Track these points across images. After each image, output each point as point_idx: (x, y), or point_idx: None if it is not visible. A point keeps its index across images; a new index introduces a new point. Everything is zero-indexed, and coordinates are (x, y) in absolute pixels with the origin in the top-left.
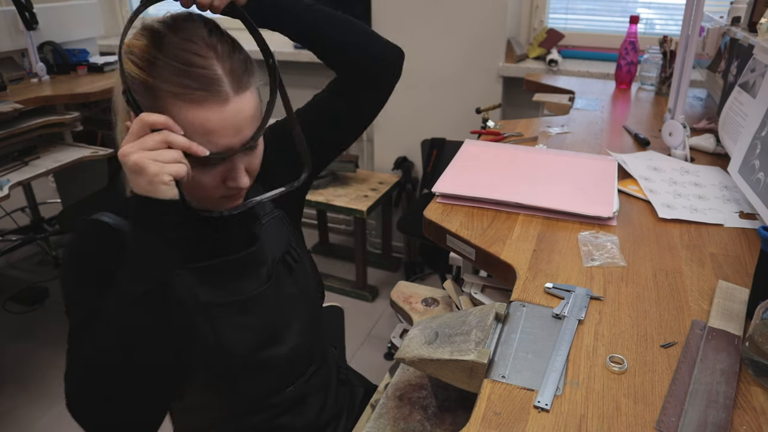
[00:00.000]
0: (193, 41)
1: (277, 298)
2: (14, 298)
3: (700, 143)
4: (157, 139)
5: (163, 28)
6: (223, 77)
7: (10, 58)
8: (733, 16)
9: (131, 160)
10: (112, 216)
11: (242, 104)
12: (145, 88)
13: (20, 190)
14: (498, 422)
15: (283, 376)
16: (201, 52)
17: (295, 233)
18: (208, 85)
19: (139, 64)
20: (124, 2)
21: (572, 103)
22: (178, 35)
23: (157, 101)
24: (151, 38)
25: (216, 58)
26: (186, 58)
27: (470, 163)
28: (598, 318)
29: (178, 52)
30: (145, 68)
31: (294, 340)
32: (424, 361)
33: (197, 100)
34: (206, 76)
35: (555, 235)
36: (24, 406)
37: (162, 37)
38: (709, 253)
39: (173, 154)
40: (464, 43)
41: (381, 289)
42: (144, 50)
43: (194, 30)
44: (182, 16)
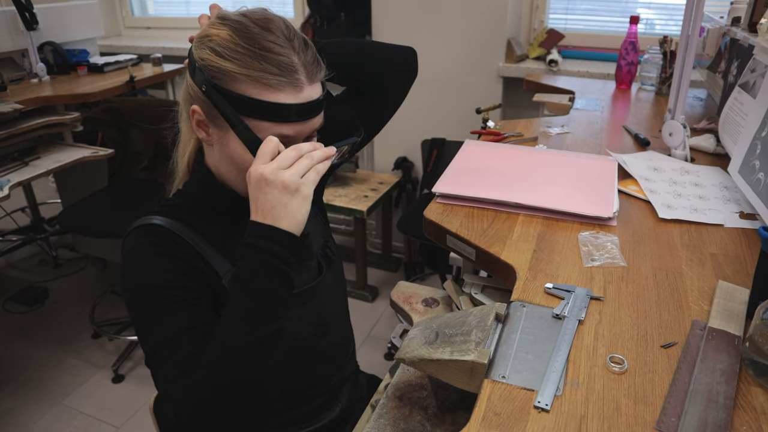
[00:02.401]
0: (273, 32)
1: (324, 289)
2: (14, 298)
3: (700, 143)
4: (292, 155)
5: (243, 20)
6: (300, 66)
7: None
8: (733, 17)
9: (281, 180)
10: (159, 218)
11: (313, 93)
12: (224, 73)
13: (20, 190)
14: (498, 422)
15: (330, 364)
16: (280, 42)
17: (326, 227)
18: (287, 72)
19: (220, 51)
20: (124, 2)
21: (572, 104)
22: (259, 26)
23: (237, 85)
24: (233, 28)
25: (293, 49)
26: (267, 46)
27: (470, 163)
28: (599, 318)
29: (261, 41)
30: (227, 55)
31: (338, 328)
32: (424, 361)
33: (275, 85)
34: (285, 64)
35: (555, 235)
36: (24, 406)
37: (246, 27)
38: (710, 254)
39: (307, 161)
40: (464, 43)
41: (381, 290)
42: (226, 38)
43: (274, 23)
44: (259, 11)
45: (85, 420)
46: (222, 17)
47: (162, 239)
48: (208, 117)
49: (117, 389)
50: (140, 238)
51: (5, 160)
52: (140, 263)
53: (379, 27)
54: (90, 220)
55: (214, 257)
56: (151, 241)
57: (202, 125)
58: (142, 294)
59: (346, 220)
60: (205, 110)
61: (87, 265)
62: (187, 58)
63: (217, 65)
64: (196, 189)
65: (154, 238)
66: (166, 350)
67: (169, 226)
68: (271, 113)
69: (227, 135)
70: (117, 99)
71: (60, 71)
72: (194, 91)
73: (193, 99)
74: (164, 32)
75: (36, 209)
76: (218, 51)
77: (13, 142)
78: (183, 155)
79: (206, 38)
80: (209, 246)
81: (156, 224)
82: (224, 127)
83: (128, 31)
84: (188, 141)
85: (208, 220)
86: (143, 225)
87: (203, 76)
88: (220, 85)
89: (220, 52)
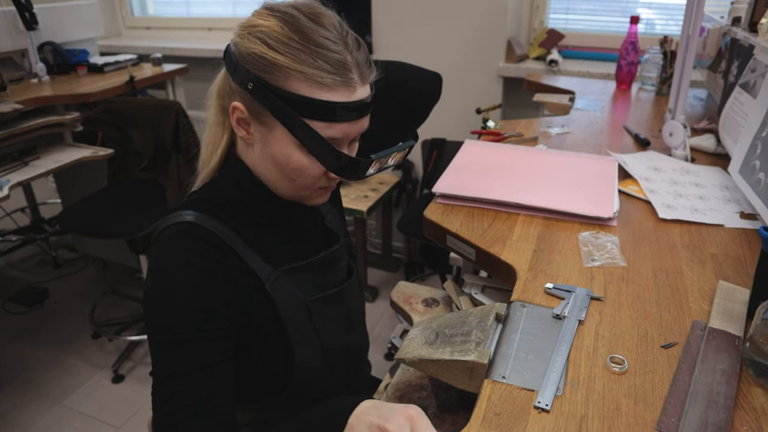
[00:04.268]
0: (328, 28)
1: (351, 290)
2: (14, 298)
3: (700, 143)
4: None
5: (296, 12)
6: (353, 65)
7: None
8: (733, 17)
9: None
10: (193, 214)
11: (364, 94)
12: (275, 68)
13: (20, 190)
14: (498, 423)
15: (356, 362)
16: (335, 39)
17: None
18: (341, 70)
19: (270, 43)
20: (124, 2)
21: (572, 104)
22: (313, 21)
23: (286, 81)
24: (284, 20)
25: (346, 47)
26: (322, 42)
27: (470, 163)
28: (599, 318)
29: (315, 36)
30: (277, 48)
31: (360, 326)
32: (424, 361)
33: (328, 83)
34: (340, 62)
35: (555, 235)
36: (24, 407)
37: (297, 19)
38: (710, 254)
39: None
40: (464, 43)
41: (381, 290)
42: (277, 30)
43: (328, 18)
44: (309, 2)
45: (85, 420)
46: (270, 7)
47: (203, 244)
48: (253, 114)
49: (117, 389)
50: (180, 240)
51: (5, 160)
52: (175, 275)
53: (379, 27)
54: (90, 220)
55: (253, 260)
56: (191, 247)
57: (242, 123)
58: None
59: (347, 220)
60: (250, 108)
61: (87, 265)
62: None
63: (268, 58)
64: (231, 185)
65: (195, 242)
66: (175, 384)
67: (208, 225)
68: (323, 113)
69: (272, 134)
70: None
71: (60, 71)
72: (235, 86)
73: (232, 94)
74: (164, 32)
75: (36, 209)
76: (269, 43)
77: (13, 142)
78: (213, 151)
79: (254, 28)
80: (246, 246)
81: (196, 224)
82: (270, 126)
83: (128, 31)
84: (218, 136)
85: (243, 217)
86: (182, 223)
87: (249, 71)
88: (270, 82)
89: (272, 45)
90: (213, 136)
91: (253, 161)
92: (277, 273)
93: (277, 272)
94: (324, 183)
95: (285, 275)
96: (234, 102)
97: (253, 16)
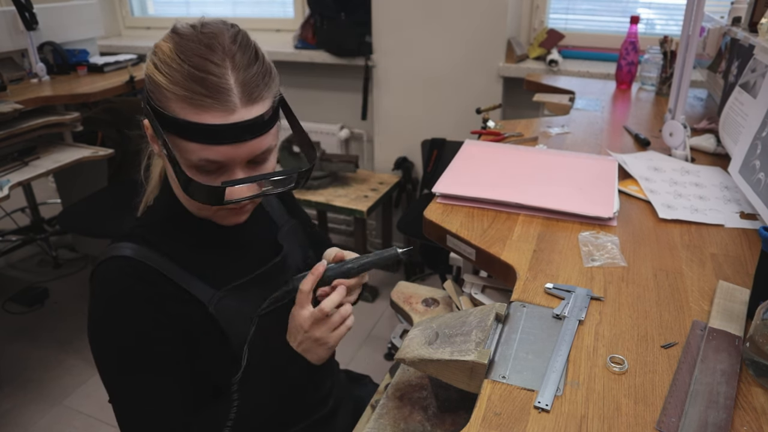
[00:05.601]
0: (212, 49)
1: None
2: (14, 298)
3: (700, 143)
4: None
5: (188, 32)
6: (233, 87)
7: (10, 58)
8: (733, 17)
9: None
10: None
11: (250, 114)
12: (158, 87)
13: (20, 190)
14: (498, 423)
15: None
16: (216, 60)
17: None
18: (217, 93)
19: (158, 65)
20: (124, 2)
21: (572, 104)
22: (200, 42)
23: (167, 102)
24: (174, 41)
25: (231, 68)
26: (201, 64)
27: (470, 163)
28: (599, 318)
29: (195, 58)
30: (162, 69)
31: None
32: (424, 361)
33: (204, 105)
34: (216, 85)
35: (555, 235)
36: (24, 407)
37: (185, 41)
38: (710, 254)
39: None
40: (464, 43)
41: (381, 290)
42: (166, 52)
43: (217, 37)
44: (212, 21)
45: (85, 420)
46: (174, 28)
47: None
48: (155, 132)
49: None
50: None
51: (5, 160)
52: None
53: (379, 27)
54: (90, 221)
55: (194, 286)
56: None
57: (153, 140)
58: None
59: (346, 220)
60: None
61: (87, 265)
62: None
63: (154, 78)
64: (164, 207)
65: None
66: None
67: (142, 258)
68: (198, 135)
69: None
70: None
71: (60, 71)
72: None
73: None
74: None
75: (36, 209)
76: (156, 64)
77: (13, 142)
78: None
79: (155, 48)
80: (186, 272)
81: (128, 257)
82: None
83: (128, 31)
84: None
85: (180, 242)
86: (115, 258)
87: (145, 89)
88: (154, 101)
89: (158, 65)
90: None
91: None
92: (219, 294)
93: (219, 293)
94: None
95: (229, 294)
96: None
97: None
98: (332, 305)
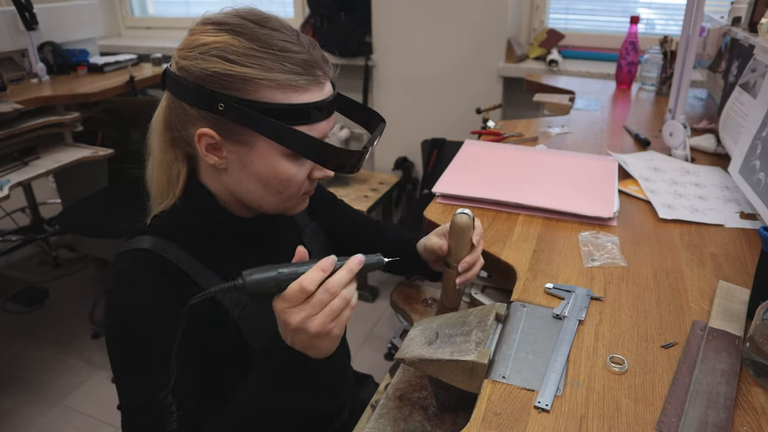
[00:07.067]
0: (282, 30)
1: None
2: (14, 298)
3: (700, 143)
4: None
5: (243, 21)
6: (319, 63)
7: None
8: (733, 17)
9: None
10: (151, 240)
11: (331, 91)
12: (241, 81)
13: (20, 190)
14: (498, 423)
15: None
16: (293, 40)
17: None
18: (309, 69)
19: (231, 58)
20: (124, 2)
21: (572, 104)
22: (265, 26)
23: (258, 92)
24: (235, 31)
25: (309, 46)
26: (283, 46)
27: (470, 163)
28: (599, 318)
29: (274, 41)
30: (240, 61)
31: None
32: (424, 361)
33: (302, 85)
34: (306, 61)
35: (555, 235)
36: (24, 407)
37: (248, 29)
38: (710, 254)
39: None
40: (464, 43)
41: (381, 290)
42: (233, 43)
43: (276, 21)
44: (251, 9)
45: (85, 420)
46: (212, 22)
47: (159, 276)
48: (225, 137)
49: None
50: (134, 269)
51: (5, 160)
52: (132, 305)
53: (379, 27)
54: (90, 220)
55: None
56: (149, 277)
57: (213, 149)
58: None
59: None
60: (221, 130)
61: (87, 265)
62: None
63: (233, 74)
64: (195, 213)
65: (152, 273)
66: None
67: (166, 254)
68: (302, 116)
69: (252, 151)
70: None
71: (60, 71)
72: (195, 112)
73: (189, 122)
74: (164, 32)
75: (36, 209)
76: (231, 58)
77: (13, 142)
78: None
79: (204, 47)
80: (213, 274)
81: (153, 252)
82: (249, 143)
83: (128, 31)
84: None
85: (208, 244)
86: (133, 250)
87: (213, 92)
88: (243, 97)
89: (234, 60)
90: (167, 172)
91: (227, 185)
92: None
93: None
94: (308, 187)
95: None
96: (199, 129)
97: (194, 35)
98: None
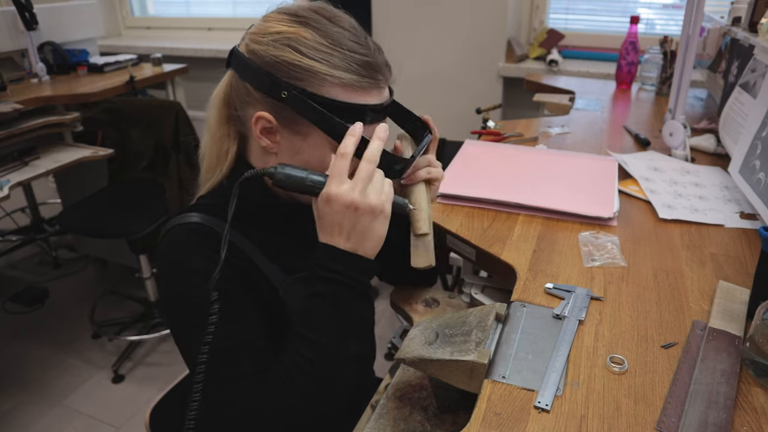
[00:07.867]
0: (351, 31)
1: None
2: (14, 298)
3: (700, 143)
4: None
5: (317, 16)
6: (383, 66)
7: (10, 58)
8: (733, 17)
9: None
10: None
11: (388, 96)
12: (308, 73)
13: (20, 190)
14: (498, 423)
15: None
16: (361, 41)
17: None
18: (372, 72)
19: (302, 50)
20: (124, 2)
21: (572, 104)
22: (337, 24)
23: (322, 87)
24: (309, 25)
25: (376, 50)
26: (351, 46)
27: (470, 163)
28: (599, 318)
29: (344, 40)
30: (310, 54)
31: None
32: (424, 361)
33: (365, 86)
34: (370, 64)
35: (555, 235)
36: (24, 407)
37: (323, 24)
38: (710, 254)
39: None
40: (464, 43)
41: (381, 290)
42: (306, 36)
43: (347, 20)
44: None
45: (85, 420)
46: (288, 13)
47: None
48: (283, 123)
49: (117, 390)
50: (190, 236)
51: (5, 160)
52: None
53: (380, 27)
54: (90, 221)
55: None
56: (202, 241)
57: (266, 132)
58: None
59: None
60: (279, 116)
61: (87, 265)
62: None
63: (302, 65)
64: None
65: (206, 238)
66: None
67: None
68: (357, 116)
69: (306, 141)
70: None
71: (60, 71)
72: (258, 95)
73: (249, 103)
74: (164, 32)
75: (36, 209)
76: (301, 50)
77: (13, 142)
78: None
79: (278, 35)
80: (260, 253)
81: (196, 223)
82: (304, 133)
83: (128, 31)
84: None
85: (255, 226)
86: (187, 224)
87: (279, 79)
88: (308, 89)
89: (305, 52)
90: (218, 148)
91: None
92: (290, 280)
93: (290, 279)
94: None
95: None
96: (258, 112)
97: (268, 22)
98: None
